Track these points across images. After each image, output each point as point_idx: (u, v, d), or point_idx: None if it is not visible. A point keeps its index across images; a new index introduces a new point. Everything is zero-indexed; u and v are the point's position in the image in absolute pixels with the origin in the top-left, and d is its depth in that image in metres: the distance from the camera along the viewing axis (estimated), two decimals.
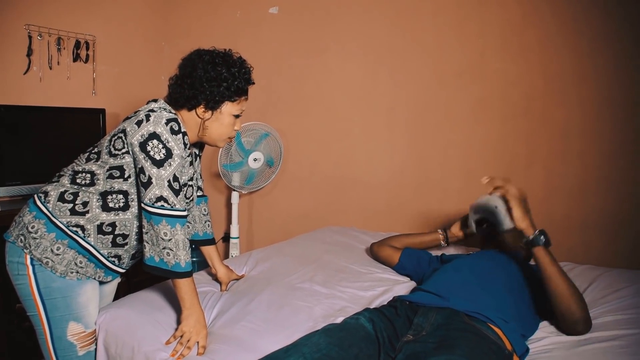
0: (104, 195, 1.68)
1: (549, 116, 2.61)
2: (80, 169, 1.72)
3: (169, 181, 1.62)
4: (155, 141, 1.60)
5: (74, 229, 1.67)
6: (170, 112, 1.66)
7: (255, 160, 3.20)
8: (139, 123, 1.62)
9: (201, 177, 2.10)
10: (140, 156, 1.61)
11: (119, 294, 2.05)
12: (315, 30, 3.29)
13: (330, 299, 1.99)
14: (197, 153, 1.99)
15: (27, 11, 2.97)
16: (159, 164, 1.61)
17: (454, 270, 1.93)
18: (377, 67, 3.11)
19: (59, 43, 3.11)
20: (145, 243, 1.66)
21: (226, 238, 3.67)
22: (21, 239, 1.68)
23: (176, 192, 1.64)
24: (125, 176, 1.68)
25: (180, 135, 1.63)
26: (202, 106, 1.74)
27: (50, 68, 3.09)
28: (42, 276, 1.67)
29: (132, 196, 1.70)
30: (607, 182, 2.50)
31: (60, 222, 1.67)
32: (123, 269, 1.86)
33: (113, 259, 1.77)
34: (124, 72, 3.61)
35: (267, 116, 3.47)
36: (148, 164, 1.61)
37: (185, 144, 1.66)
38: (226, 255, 3.69)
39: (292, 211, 3.51)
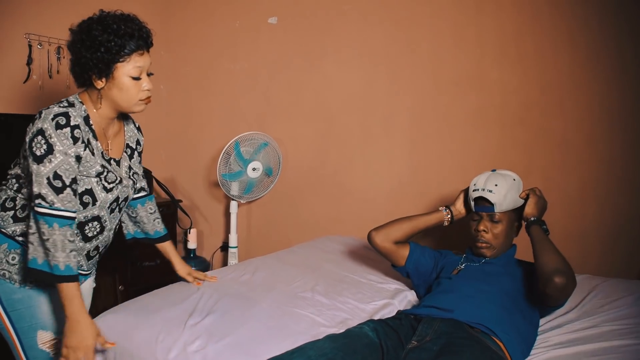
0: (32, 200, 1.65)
1: (546, 125, 2.63)
2: (11, 173, 1.73)
3: (48, 178, 1.55)
4: (39, 137, 1.55)
5: (20, 238, 1.67)
6: (66, 107, 1.61)
7: (254, 169, 3.21)
8: (32, 121, 1.59)
9: (143, 177, 2.02)
10: (28, 153, 1.57)
11: (117, 302, 2.05)
12: (313, 39, 3.31)
13: (332, 310, 2.00)
14: (134, 147, 1.93)
15: (27, 20, 2.98)
16: (38, 159, 1.55)
17: (449, 291, 1.93)
18: (375, 76, 3.12)
19: (58, 52, 3.11)
20: (29, 244, 1.58)
21: (224, 247, 3.67)
22: None
23: (56, 190, 1.56)
24: None
25: (67, 129, 1.57)
26: (93, 77, 1.63)
27: (50, 77, 3.09)
28: (3, 289, 1.66)
29: None
30: (605, 191, 2.51)
31: (7, 231, 1.67)
32: (85, 271, 1.83)
33: None
34: None
35: (265, 125, 3.49)
36: (30, 160, 1.56)
37: (75, 138, 1.59)
38: (224, 264, 3.69)
39: (290, 220, 3.51)
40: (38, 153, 1.55)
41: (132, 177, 1.86)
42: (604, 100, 2.49)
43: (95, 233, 1.75)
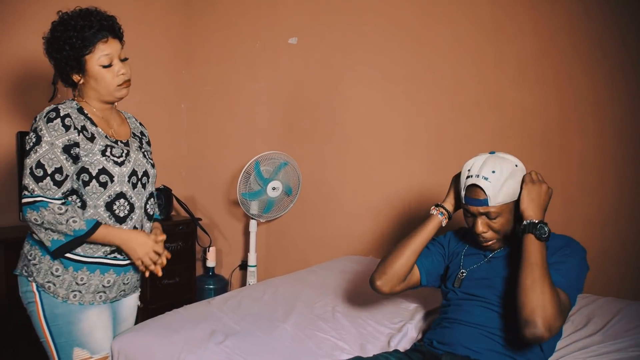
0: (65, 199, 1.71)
1: (566, 145, 2.61)
2: None
3: (31, 168, 1.62)
4: (31, 134, 1.65)
5: None
6: (56, 105, 1.69)
7: (273, 189, 3.22)
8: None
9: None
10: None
11: (137, 321, 2.05)
12: (333, 60, 3.33)
13: (353, 333, 1.99)
14: (141, 137, 1.98)
15: None
16: (27, 153, 1.63)
17: (456, 320, 1.77)
18: (394, 96, 3.13)
19: None
20: (36, 237, 1.68)
21: (243, 266, 3.68)
22: (25, 269, 1.74)
23: (36, 179, 1.62)
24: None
25: (57, 120, 1.64)
26: (71, 75, 1.75)
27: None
28: (47, 302, 1.71)
29: (81, 191, 1.70)
30: (626, 212, 2.49)
31: None
32: (128, 260, 1.82)
33: (114, 255, 1.77)
34: (145, 100, 3.66)
35: (285, 145, 3.50)
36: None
37: (67, 126, 1.65)
38: (243, 282, 3.69)
39: (309, 240, 3.51)
40: (27, 147, 1.64)
41: (144, 153, 1.90)
42: (624, 120, 2.47)
43: (126, 212, 1.76)
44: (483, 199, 1.69)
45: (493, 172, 1.68)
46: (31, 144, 1.63)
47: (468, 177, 1.74)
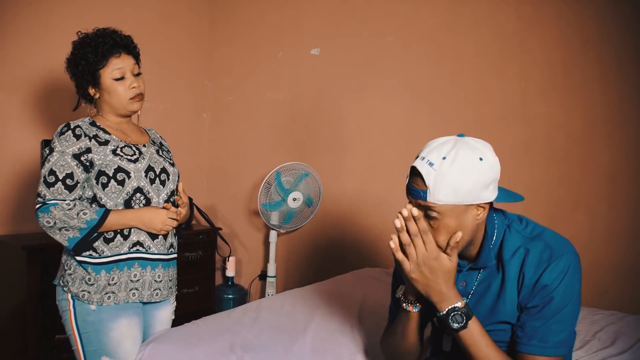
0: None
1: (593, 159, 2.57)
2: None
3: (44, 176, 1.70)
4: (46, 149, 1.74)
5: (88, 252, 1.75)
6: (70, 121, 1.78)
7: (294, 200, 3.22)
8: None
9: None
10: None
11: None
12: (355, 70, 3.32)
13: (372, 347, 1.93)
14: (161, 144, 2.05)
15: None
16: (41, 164, 1.73)
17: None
18: (417, 108, 3.11)
19: None
20: (54, 237, 1.74)
21: (263, 276, 3.67)
22: (61, 280, 1.79)
23: (48, 185, 1.70)
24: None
25: (69, 132, 1.73)
26: (89, 89, 1.84)
27: None
28: (80, 310, 1.74)
29: (100, 194, 1.76)
30: None
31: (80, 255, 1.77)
32: (155, 254, 1.85)
33: (137, 247, 1.81)
34: (168, 110, 3.69)
35: (306, 156, 3.50)
36: None
37: (77, 135, 1.74)
38: (262, 293, 3.68)
39: (330, 251, 3.49)
40: (42, 159, 1.74)
41: (161, 154, 1.95)
42: None
43: (141, 205, 1.82)
44: (421, 190, 1.30)
45: (444, 158, 1.27)
46: (45, 156, 1.73)
47: (416, 157, 1.35)
